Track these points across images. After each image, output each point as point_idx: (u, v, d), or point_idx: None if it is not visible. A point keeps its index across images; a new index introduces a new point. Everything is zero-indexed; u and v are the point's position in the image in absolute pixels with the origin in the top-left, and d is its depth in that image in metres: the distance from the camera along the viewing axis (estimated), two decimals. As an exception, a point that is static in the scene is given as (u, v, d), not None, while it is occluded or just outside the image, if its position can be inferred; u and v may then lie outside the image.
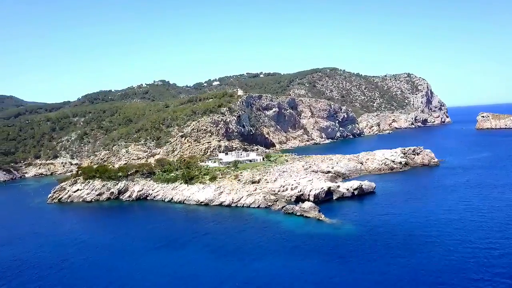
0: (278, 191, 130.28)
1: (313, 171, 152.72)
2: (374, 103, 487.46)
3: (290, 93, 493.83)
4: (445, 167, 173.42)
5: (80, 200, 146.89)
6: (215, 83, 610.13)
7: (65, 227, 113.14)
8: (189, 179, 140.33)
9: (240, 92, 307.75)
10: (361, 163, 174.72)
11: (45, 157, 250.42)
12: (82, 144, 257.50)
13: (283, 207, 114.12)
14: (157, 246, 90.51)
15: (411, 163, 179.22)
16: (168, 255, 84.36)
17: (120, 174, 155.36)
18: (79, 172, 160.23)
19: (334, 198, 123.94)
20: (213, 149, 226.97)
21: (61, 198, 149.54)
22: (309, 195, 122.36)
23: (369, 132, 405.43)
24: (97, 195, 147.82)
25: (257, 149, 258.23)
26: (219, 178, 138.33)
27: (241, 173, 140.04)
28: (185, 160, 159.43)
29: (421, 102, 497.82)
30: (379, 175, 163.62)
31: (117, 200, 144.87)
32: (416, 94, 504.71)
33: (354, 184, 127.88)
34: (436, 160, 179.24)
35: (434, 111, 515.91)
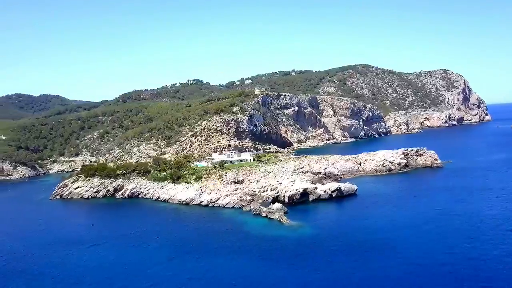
0: (259, 191, 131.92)
1: (302, 172, 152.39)
2: (406, 100, 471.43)
3: (319, 91, 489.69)
4: (448, 169, 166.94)
5: (79, 196, 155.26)
6: (247, 81, 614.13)
7: (44, 221, 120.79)
8: (176, 179, 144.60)
9: (257, 91, 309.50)
10: (359, 164, 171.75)
11: (68, 154, 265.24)
12: (102, 143, 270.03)
13: (250, 208, 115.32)
14: (115, 241, 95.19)
15: (414, 164, 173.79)
16: (119, 251, 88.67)
17: (118, 172, 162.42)
18: (82, 170, 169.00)
19: (310, 199, 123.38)
20: (222, 148, 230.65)
21: (62, 194, 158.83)
22: (284, 196, 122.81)
23: (397, 131, 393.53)
24: (94, 192, 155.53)
25: (269, 149, 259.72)
26: (204, 178, 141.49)
27: (226, 173, 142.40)
28: (177, 160, 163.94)
29: (457, 100, 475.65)
30: (374, 176, 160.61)
31: (112, 197, 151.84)
32: (451, 91, 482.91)
33: (333, 186, 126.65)
34: (439, 161, 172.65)
35: (471, 108, 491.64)
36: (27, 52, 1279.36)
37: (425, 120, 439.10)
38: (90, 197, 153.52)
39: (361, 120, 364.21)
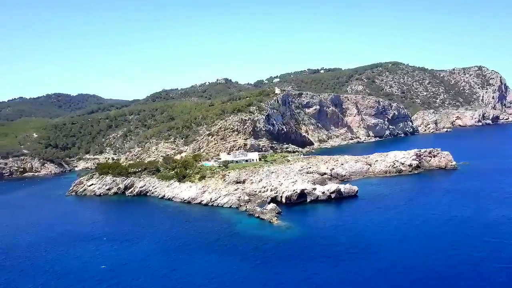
0: (259, 191, 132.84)
1: (307, 173, 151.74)
2: (437, 99, 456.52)
3: (347, 89, 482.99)
4: (461, 171, 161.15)
5: (92, 193, 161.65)
6: (276, 80, 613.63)
7: (52, 217, 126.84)
8: (182, 178, 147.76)
9: (277, 90, 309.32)
10: (370, 165, 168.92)
11: (93, 152, 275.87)
12: (125, 141, 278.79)
13: (246, 208, 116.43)
14: (102, 237, 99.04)
15: (427, 166, 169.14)
16: (111, 247, 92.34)
17: (130, 170, 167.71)
18: (96, 168, 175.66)
19: (308, 200, 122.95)
20: (238, 148, 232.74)
21: (77, 191, 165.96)
22: (281, 196, 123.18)
23: (425, 130, 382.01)
24: (106, 189, 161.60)
25: (287, 148, 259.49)
26: (208, 177, 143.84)
27: (229, 173, 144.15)
28: (184, 159, 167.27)
29: (492, 98, 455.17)
30: (383, 178, 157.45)
31: (122, 195, 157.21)
32: (486, 89, 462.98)
33: (332, 187, 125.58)
34: (453, 163, 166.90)
35: (508, 107, 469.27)
36: (66, 52, 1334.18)
37: (456, 119, 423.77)
38: (102, 194, 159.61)
39: (386, 119, 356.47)
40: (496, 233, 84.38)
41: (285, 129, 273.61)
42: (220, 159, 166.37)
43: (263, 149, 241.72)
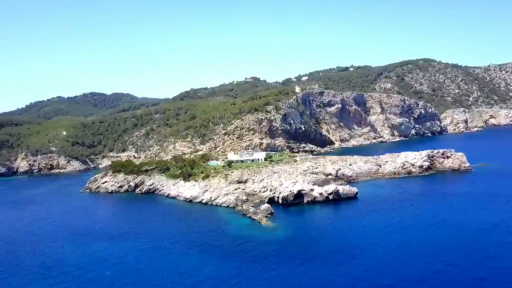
0: (259, 191, 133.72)
1: (312, 173, 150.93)
2: (470, 97, 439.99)
3: (376, 87, 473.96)
4: (476, 173, 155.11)
5: (105, 191, 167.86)
6: (304, 78, 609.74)
7: (59, 212, 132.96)
8: (187, 176, 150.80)
9: (297, 89, 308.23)
10: (379, 166, 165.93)
11: (116, 150, 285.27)
12: (147, 140, 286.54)
13: (242, 208, 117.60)
14: (91, 233, 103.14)
15: (439, 167, 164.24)
16: (95, 242, 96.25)
17: (141, 169, 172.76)
18: (111, 166, 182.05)
19: (305, 201, 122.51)
20: (254, 147, 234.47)
21: (91, 188, 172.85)
22: (278, 197, 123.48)
23: (454, 129, 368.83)
24: (118, 187, 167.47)
25: (304, 148, 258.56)
26: (211, 176, 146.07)
27: (231, 172, 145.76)
28: (191, 158, 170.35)
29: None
30: (392, 179, 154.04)
31: (133, 192, 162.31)
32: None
33: (330, 188, 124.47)
34: (467, 165, 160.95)
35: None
36: (102, 52, 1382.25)
37: (490, 118, 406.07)
38: (113, 191, 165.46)
39: (412, 118, 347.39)
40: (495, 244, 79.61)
41: (304, 128, 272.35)
42: (226, 158, 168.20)
43: (280, 148, 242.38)
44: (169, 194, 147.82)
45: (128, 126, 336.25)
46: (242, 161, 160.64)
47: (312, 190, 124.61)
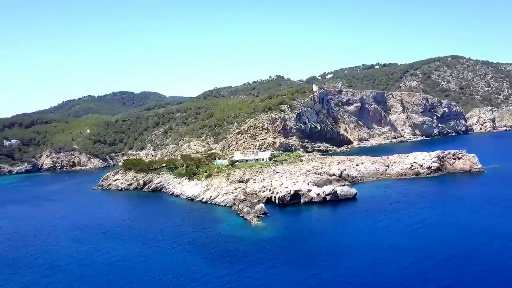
0: (259, 191, 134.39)
1: (316, 173, 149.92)
2: (500, 95, 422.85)
3: (401, 85, 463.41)
4: (487, 175, 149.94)
5: (116, 188, 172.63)
6: (329, 76, 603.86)
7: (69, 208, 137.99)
8: (191, 175, 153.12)
9: (314, 88, 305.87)
10: (387, 166, 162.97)
11: (136, 148, 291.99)
12: (165, 138, 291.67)
13: (237, 208, 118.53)
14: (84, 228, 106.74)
15: (450, 168, 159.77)
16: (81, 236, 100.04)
17: (151, 167, 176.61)
18: (123, 164, 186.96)
19: (301, 202, 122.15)
20: (267, 146, 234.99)
21: (103, 185, 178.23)
22: (275, 197, 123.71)
23: (481, 129, 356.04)
24: (128, 184, 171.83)
25: (319, 147, 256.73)
26: (214, 176, 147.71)
27: (234, 172, 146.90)
28: (197, 157, 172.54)
29: None
30: (398, 180, 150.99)
31: (141, 190, 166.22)
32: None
33: (327, 189, 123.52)
34: (479, 166, 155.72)
35: None
36: (132, 52, 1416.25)
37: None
38: (123, 189, 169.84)
39: (435, 117, 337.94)
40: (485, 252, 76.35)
41: (320, 128, 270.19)
42: (232, 157, 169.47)
43: (293, 147, 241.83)
44: (173, 193, 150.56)
45: (149, 124, 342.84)
46: (246, 161, 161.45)
47: (309, 190, 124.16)
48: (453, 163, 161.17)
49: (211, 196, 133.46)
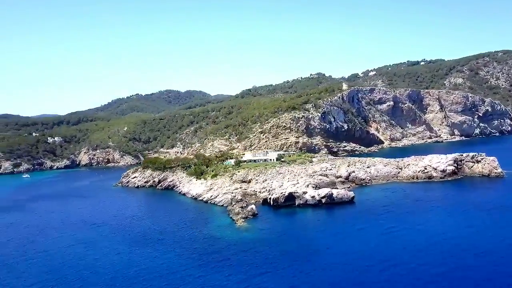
0: (259, 192, 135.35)
1: (322, 175, 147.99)
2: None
3: (445, 82, 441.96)
4: (507, 180, 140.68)
5: (134, 185, 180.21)
6: (371, 73, 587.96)
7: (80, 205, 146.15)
8: (199, 174, 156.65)
9: (344, 86, 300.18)
10: (400, 169, 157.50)
11: (167, 146, 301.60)
12: (194, 137, 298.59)
13: (232, 208, 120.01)
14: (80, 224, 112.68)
15: (468, 172, 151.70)
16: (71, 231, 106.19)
17: (167, 165, 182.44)
18: (142, 162, 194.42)
19: (296, 204, 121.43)
20: (289, 145, 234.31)
21: (123, 182, 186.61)
22: (270, 198, 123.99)
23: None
24: (144, 182, 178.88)
25: (345, 147, 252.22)
26: (219, 175, 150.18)
27: (238, 172, 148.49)
28: (207, 157, 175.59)
29: None
30: (409, 184, 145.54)
31: (155, 187, 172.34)
32: None
33: (323, 191, 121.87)
34: (499, 170, 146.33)
35: None
36: (180, 52, 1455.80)
37: None
38: (140, 186, 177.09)
39: (477, 116, 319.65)
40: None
41: (347, 127, 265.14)
42: (241, 157, 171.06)
43: (317, 147, 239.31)
44: (182, 191, 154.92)
45: (184, 123, 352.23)
46: (255, 161, 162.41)
47: (305, 193, 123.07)
48: (471, 167, 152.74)
49: (211, 196, 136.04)
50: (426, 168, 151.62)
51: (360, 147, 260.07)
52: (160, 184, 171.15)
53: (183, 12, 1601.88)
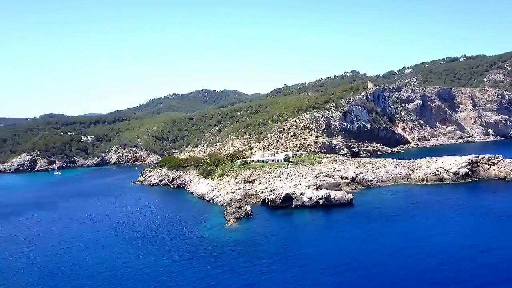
0: (260, 192, 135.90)
1: (328, 176, 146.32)
2: None
3: (485, 79, 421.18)
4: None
5: (149, 183, 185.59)
6: (408, 70, 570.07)
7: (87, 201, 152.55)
8: (207, 174, 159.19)
9: (370, 85, 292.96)
10: (412, 171, 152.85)
11: (192, 145, 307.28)
12: (218, 136, 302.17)
13: (230, 208, 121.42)
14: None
15: (484, 175, 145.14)
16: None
17: (183, 164, 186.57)
18: (160, 161, 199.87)
19: (293, 205, 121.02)
20: (308, 145, 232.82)
21: (140, 180, 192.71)
22: (268, 199, 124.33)
23: None
24: (159, 180, 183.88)
25: (367, 147, 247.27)
26: (225, 175, 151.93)
27: (243, 172, 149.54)
28: (216, 157, 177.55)
29: None
30: (417, 186, 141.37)
31: (169, 186, 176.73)
32: None
33: (320, 193, 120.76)
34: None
35: None
36: (217, 51, 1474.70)
37: None
38: (154, 184, 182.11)
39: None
40: None
41: (370, 127, 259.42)
42: (250, 157, 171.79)
43: (337, 147, 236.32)
44: (190, 190, 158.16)
45: (212, 122, 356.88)
46: (262, 161, 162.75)
47: (302, 194, 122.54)
48: (487, 169, 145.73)
49: (214, 195, 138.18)
50: (437, 170, 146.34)
51: (383, 147, 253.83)
52: (172, 183, 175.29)
53: (218, 12, 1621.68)
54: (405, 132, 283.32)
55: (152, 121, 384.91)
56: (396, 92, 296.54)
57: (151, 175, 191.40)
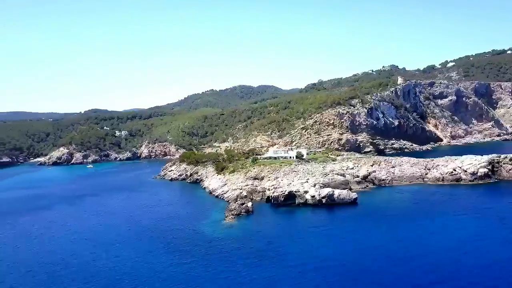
0: (267, 189, 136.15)
1: (338, 174, 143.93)
2: None
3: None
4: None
5: (169, 178, 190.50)
6: (450, 64, 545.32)
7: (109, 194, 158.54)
8: (220, 170, 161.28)
9: (399, 80, 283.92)
10: (428, 170, 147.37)
11: (220, 140, 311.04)
12: (244, 132, 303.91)
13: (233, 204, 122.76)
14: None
15: (506, 175, 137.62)
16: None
17: (201, 160, 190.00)
18: (180, 156, 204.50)
19: (296, 203, 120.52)
20: (331, 142, 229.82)
21: (161, 175, 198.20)
22: (272, 197, 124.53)
23: None
24: (178, 175, 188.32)
25: (393, 144, 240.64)
26: (237, 171, 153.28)
27: (253, 168, 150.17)
28: (230, 153, 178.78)
29: None
30: (432, 186, 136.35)
31: (186, 180, 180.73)
32: None
33: (323, 191, 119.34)
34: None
35: None
36: (255, 47, 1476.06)
37: None
38: (173, 179, 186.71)
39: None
40: None
41: (398, 123, 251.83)
42: (263, 154, 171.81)
43: (361, 144, 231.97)
44: (203, 185, 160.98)
45: (241, 118, 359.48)
46: (275, 158, 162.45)
47: (306, 192, 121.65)
48: (510, 170, 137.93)
49: (222, 191, 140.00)
50: (455, 170, 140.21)
51: (411, 145, 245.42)
52: (190, 178, 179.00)
53: (257, 6, 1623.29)
54: (437, 129, 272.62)
55: (185, 117, 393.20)
56: (429, 88, 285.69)
57: (171, 170, 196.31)
